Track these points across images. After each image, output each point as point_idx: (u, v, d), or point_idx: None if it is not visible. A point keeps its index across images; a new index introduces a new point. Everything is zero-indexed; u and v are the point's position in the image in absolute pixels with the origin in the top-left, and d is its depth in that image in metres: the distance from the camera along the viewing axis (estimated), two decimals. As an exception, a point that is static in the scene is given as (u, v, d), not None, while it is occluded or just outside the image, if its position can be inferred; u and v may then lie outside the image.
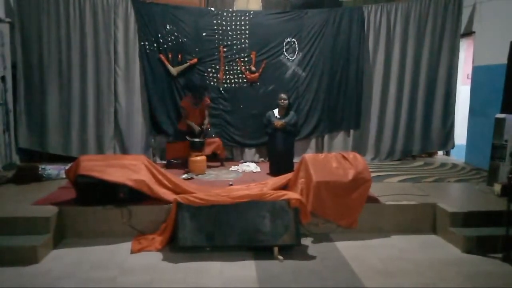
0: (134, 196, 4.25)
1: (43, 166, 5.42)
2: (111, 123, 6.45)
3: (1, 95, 5.76)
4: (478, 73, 6.63)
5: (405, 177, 5.73)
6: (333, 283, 3.44)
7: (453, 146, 7.05)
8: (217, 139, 6.29)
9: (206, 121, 6.21)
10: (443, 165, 6.62)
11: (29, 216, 3.98)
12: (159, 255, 3.90)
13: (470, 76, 6.96)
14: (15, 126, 6.11)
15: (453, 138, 6.99)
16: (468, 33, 6.81)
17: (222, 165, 6.41)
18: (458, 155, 7.17)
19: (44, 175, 5.31)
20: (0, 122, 5.75)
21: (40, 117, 6.26)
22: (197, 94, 6.12)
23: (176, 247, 3.96)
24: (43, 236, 3.88)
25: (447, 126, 6.94)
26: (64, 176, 4.87)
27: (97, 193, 4.18)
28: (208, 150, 6.11)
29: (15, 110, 6.10)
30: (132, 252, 3.93)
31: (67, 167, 4.50)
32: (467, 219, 4.31)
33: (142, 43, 6.41)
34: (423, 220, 4.56)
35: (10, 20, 5.95)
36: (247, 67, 6.68)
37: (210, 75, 6.64)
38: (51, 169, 5.41)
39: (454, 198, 4.92)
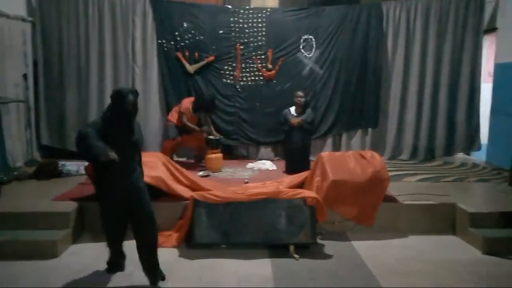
0: (151, 192, 4.26)
1: (63, 163, 5.52)
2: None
3: (23, 92, 5.88)
4: (501, 71, 6.46)
5: (424, 176, 5.64)
6: (349, 282, 3.42)
7: (479, 148, 6.79)
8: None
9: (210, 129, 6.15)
10: (463, 164, 6.49)
11: (50, 211, 4.07)
12: (176, 252, 3.93)
13: (492, 74, 6.80)
14: (36, 123, 6.25)
15: (479, 139, 6.75)
16: (490, 29, 6.65)
17: (200, 162, 6.17)
18: (479, 155, 7.00)
19: (64, 171, 5.41)
20: (22, 119, 5.88)
21: (59, 114, 6.38)
22: (209, 111, 6.06)
23: (192, 244, 3.99)
24: (62, 231, 3.97)
25: (472, 127, 6.73)
26: (83, 172, 4.95)
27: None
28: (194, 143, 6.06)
29: (36, 107, 6.24)
30: (149, 248, 3.97)
31: (86, 164, 4.57)
32: (488, 219, 4.22)
33: (159, 41, 6.46)
34: (442, 220, 4.47)
35: (32, 19, 6.07)
36: (264, 64, 6.66)
37: (227, 73, 6.65)
38: (71, 166, 5.51)
39: (474, 198, 4.82)
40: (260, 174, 5.73)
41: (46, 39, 6.23)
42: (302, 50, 6.66)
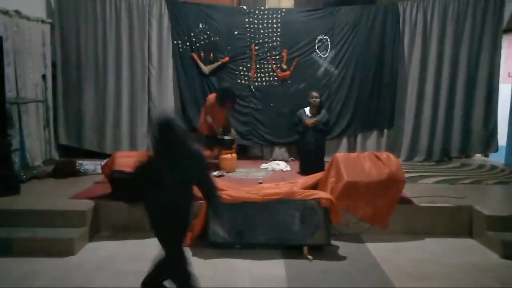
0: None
1: (80, 162, 5.62)
2: (144, 121, 6.59)
3: (42, 93, 6.00)
4: (520, 71, 6.35)
5: (440, 178, 5.56)
6: (363, 284, 3.39)
7: (496, 149, 6.69)
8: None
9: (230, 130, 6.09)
10: (480, 166, 6.38)
11: (67, 209, 4.15)
12: (189, 251, 3.95)
13: (511, 75, 6.66)
14: (54, 123, 6.37)
15: (497, 141, 6.65)
16: (510, 29, 6.51)
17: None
18: (497, 157, 6.87)
19: (81, 170, 5.51)
20: (41, 119, 6.00)
21: (77, 114, 6.49)
22: (227, 100, 6.01)
23: (206, 243, 4.01)
24: (79, 229, 4.03)
25: (489, 128, 6.62)
26: (100, 171, 5.03)
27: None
28: None
29: (54, 107, 6.36)
30: (164, 247, 4.00)
31: (103, 163, 4.65)
32: (506, 223, 4.14)
33: (175, 42, 6.52)
34: (458, 223, 4.41)
35: (50, 21, 6.19)
36: (279, 65, 6.66)
37: (242, 73, 6.67)
38: (88, 165, 5.61)
39: (492, 201, 4.74)
40: (274, 174, 5.73)
41: (65, 40, 6.34)
42: (317, 51, 6.64)
